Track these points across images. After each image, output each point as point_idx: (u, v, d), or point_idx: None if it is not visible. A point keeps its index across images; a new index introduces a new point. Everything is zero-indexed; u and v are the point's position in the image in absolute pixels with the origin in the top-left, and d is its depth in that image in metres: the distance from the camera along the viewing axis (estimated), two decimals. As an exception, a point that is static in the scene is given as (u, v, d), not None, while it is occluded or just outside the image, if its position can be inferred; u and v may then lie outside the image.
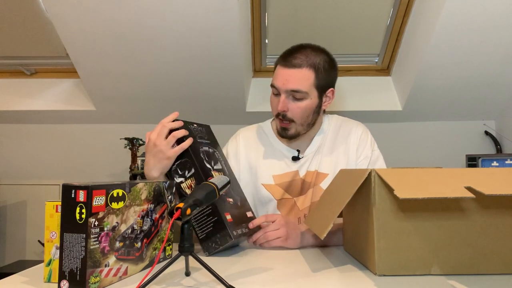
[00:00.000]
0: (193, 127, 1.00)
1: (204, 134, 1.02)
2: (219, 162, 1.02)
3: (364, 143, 1.20)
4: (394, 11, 2.22)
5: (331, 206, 0.82)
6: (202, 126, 1.05)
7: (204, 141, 1.01)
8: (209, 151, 1.00)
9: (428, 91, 2.35)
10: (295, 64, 1.08)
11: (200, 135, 1.00)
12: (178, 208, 0.67)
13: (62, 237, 0.64)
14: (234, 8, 1.89)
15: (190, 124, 1.00)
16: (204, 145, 1.00)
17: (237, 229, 0.92)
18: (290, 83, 1.08)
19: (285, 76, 1.09)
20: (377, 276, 0.72)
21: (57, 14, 1.96)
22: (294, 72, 1.08)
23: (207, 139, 1.03)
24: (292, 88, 1.08)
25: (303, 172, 1.18)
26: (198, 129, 1.01)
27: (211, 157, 0.99)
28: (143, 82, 2.37)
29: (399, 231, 0.73)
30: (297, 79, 1.08)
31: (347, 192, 0.77)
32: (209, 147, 1.01)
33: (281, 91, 1.10)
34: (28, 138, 2.73)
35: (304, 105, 1.11)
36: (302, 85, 1.08)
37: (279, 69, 1.11)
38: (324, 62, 1.12)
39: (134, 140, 2.51)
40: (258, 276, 0.74)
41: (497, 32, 1.98)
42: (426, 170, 0.75)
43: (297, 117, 1.12)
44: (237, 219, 0.94)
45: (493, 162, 2.17)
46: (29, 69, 2.57)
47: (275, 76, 1.12)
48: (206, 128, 1.06)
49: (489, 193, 0.62)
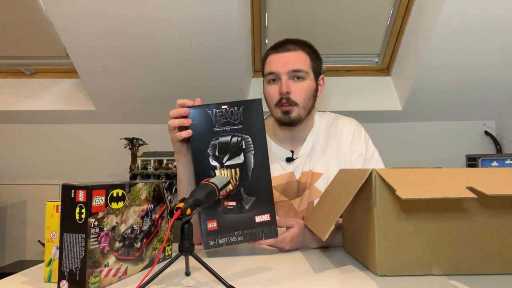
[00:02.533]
0: (219, 111, 0.89)
1: (235, 117, 0.89)
2: (243, 153, 0.90)
3: (358, 140, 1.18)
4: (394, 11, 2.22)
5: (332, 207, 0.82)
6: (241, 104, 0.89)
7: (229, 128, 0.89)
8: (229, 141, 0.89)
9: (428, 91, 2.35)
10: (290, 48, 1.11)
11: (225, 120, 0.89)
12: (178, 208, 0.67)
13: (62, 237, 0.64)
14: (234, 8, 1.89)
15: (217, 108, 0.89)
16: (225, 134, 0.89)
17: (220, 238, 0.88)
18: (290, 64, 1.09)
19: (283, 59, 1.10)
20: (378, 277, 0.72)
21: (57, 14, 1.96)
22: (291, 54, 1.10)
23: (239, 122, 0.89)
24: (293, 68, 1.09)
25: (299, 174, 1.16)
26: (226, 112, 0.89)
27: (227, 150, 0.89)
28: (143, 82, 2.37)
29: (400, 231, 0.72)
30: (296, 59, 1.10)
31: (348, 193, 0.76)
32: (234, 135, 0.89)
33: (281, 74, 1.09)
34: (28, 138, 2.73)
35: (306, 85, 1.11)
36: (301, 64, 1.10)
37: (273, 56, 1.12)
38: (312, 50, 1.16)
39: (134, 140, 2.51)
40: (258, 276, 0.74)
41: (497, 32, 1.98)
42: (427, 170, 0.75)
43: (300, 99, 1.10)
44: (229, 227, 0.88)
45: (493, 162, 2.17)
46: (29, 69, 2.57)
47: (270, 64, 1.12)
48: (247, 106, 0.90)
49: (491, 193, 0.62)
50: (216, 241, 0.88)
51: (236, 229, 0.89)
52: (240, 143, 0.90)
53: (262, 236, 0.90)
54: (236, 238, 0.89)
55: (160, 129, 2.71)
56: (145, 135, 2.61)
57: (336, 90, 2.52)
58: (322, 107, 2.50)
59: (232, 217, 0.89)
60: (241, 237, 0.89)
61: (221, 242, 0.88)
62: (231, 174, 0.89)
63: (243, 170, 0.90)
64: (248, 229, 0.89)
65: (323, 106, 2.50)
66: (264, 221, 0.91)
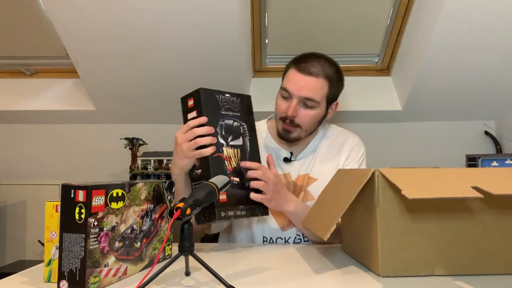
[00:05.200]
0: (223, 97, 1.00)
1: (235, 106, 1.02)
2: (242, 137, 1.01)
3: (354, 155, 1.21)
4: (394, 11, 2.22)
5: (333, 207, 0.82)
6: (238, 96, 1.03)
7: (231, 113, 1.00)
8: (232, 124, 1.00)
9: (428, 91, 2.35)
10: (312, 72, 1.08)
11: (228, 106, 1.00)
12: (178, 208, 0.67)
13: (62, 237, 0.64)
14: (234, 8, 1.89)
15: (221, 94, 1.00)
16: (228, 118, 0.99)
17: (229, 210, 0.93)
18: (305, 90, 1.08)
19: (301, 82, 1.08)
20: (381, 277, 0.72)
21: (57, 14, 1.96)
22: (311, 80, 1.08)
23: (238, 111, 1.02)
24: (307, 96, 1.08)
25: (295, 175, 1.18)
26: (228, 100, 1.01)
27: (231, 132, 0.99)
28: (143, 82, 2.37)
29: (402, 231, 0.72)
30: (312, 88, 1.08)
31: (350, 192, 0.76)
32: (235, 120, 1.01)
33: (293, 96, 1.09)
34: (28, 138, 2.73)
35: (313, 114, 1.11)
36: (316, 94, 1.09)
37: (294, 73, 1.10)
38: (336, 75, 1.13)
39: (134, 140, 2.51)
40: (258, 276, 0.74)
41: (497, 32, 1.98)
42: (430, 170, 0.75)
43: (305, 124, 1.12)
44: (236, 200, 0.95)
45: (493, 162, 2.17)
46: (29, 69, 2.57)
47: (288, 80, 1.11)
48: (243, 99, 1.04)
49: (497, 193, 0.62)
50: (226, 212, 0.93)
51: (240, 203, 0.96)
52: (239, 128, 1.02)
53: (258, 213, 1.00)
54: (241, 212, 0.96)
55: (160, 129, 2.70)
56: (145, 135, 2.60)
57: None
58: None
59: (237, 191, 0.96)
60: (244, 211, 0.97)
61: (230, 215, 0.94)
62: (234, 153, 0.98)
63: (242, 151, 1.00)
64: (248, 205, 0.97)
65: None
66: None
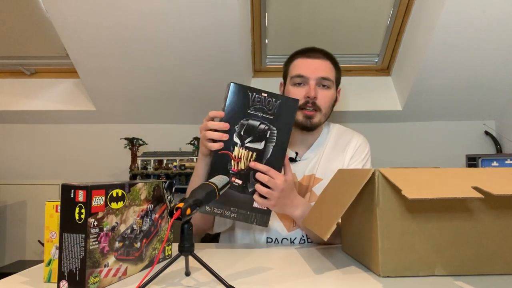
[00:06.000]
0: (258, 96, 0.92)
1: (270, 108, 0.93)
2: (265, 141, 0.93)
3: (359, 155, 1.21)
4: (394, 11, 2.22)
5: (333, 207, 0.82)
6: (280, 99, 0.93)
7: (261, 114, 0.92)
8: (257, 126, 0.92)
9: (428, 91, 2.35)
10: (319, 57, 1.15)
11: (259, 106, 0.92)
12: (178, 208, 0.67)
13: (62, 237, 0.64)
14: (234, 8, 1.89)
15: (256, 92, 0.92)
16: (255, 119, 0.92)
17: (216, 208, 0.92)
18: (320, 71, 1.13)
19: (313, 65, 1.14)
20: (381, 278, 0.72)
21: (57, 14, 1.96)
22: (321, 62, 1.15)
23: (272, 114, 0.93)
24: (323, 76, 1.13)
25: (300, 176, 1.18)
26: (263, 100, 0.92)
27: (253, 133, 0.92)
28: (143, 82, 2.37)
29: (403, 231, 0.72)
30: (325, 68, 1.15)
31: (350, 192, 0.76)
32: (262, 123, 0.93)
33: (310, 79, 1.13)
34: (28, 138, 2.73)
35: (330, 94, 1.16)
36: (330, 74, 1.15)
37: (303, 60, 1.16)
38: (336, 63, 1.21)
39: (134, 140, 2.51)
40: (258, 276, 0.74)
41: (497, 32, 1.98)
42: (430, 170, 0.75)
43: (324, 106, 1.15)
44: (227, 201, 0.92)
45: (493, 162, 2.17)
46: (29, 69, 2.57)
47: (298, 66, 1.16)
48: (285, 103, 0.94)
49: (498, 193, 0.62)
50: (212, 208, 0.92)
51: (233, 205, 0.93)
52: (266, 131, 0.93)
53: (254, 220, 0.94)
54: (230, 213, 0.93)
55: (160, 129, 2.71)
56: (145, 135, 2.61)
57: (336, 90, 2.52)
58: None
59: (234, 193, 0.93)
60: (235, 214, 0.94)
61: (216, 212, 0.93)
62: (247, 155, 0.93)
63: (259, 155, 0.93)
64: (243, 210, 0.93)
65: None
66: (260, 209, 0.95)
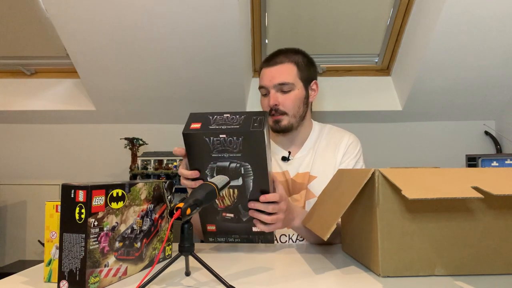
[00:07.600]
0: (216, 139, 0.84)
1: (234, 147, 0.84)
2: (242, 177, 0.87)
3: (350, 152, 1.22)
4: (394, 11, 2.22)
5: (333, 207, 0.82)
6: (242, 134, 0.82)
7: (227, 155, 0.85)
8: (227, 166, 0.86)
9: (428, 91, 2.35)
10: (277, 62, 1.17)
11: (222, 148, 0.84)
12: (178, 208, 0.67)
13: (62, 237, 0.64)
14: (234, 8, 1.89)
15: (214, 136, 0.83)
16: (223, 160, 0.85)
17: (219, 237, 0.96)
18: (276, 78, 1.16)
19: (270, 74, 1.17)
20: (381, 278, 0.72)
21: (57, 14, 1.96)
22: (278, 68, 1.17)
23: (238, 151, 0.84)
24: (279, 82, 1.15)
25: (293, 174, 1.20)
26: (223, 141, 0.84)
27: (226, 173, 0.86)
28: (143, 82, 2.37)
29: (403, 231, 0.72)
30: (281, 73, 1.16)
31: (350, 192, 0.76)
32: (232, 162, 0.86)
33: (269, 88, 1.16)
34: (28, 138, 2.73)
35: (293, 96, 1.17)
36: (287, 77, 1.16)
37: (264, 71, 1.20)
38: (302, 57, 1.21)
39: (134, 140, 2.51)
40: (258, 276, 0.74)
41: (497, 32, 1.98)
42: (430, 170, 0.75)
43: (289, 108, 1.17)
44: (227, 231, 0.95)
45: (493, 162, 2.17)
46: (29, 69, 2.57)
47: (261, 78, 1.20)
48: (248, 137, 0.82)
49: (497, 193, 0.62)
50: (215, 238, 0.97)
51: (234, 234, 0.96)
52: (238, 169, 0.86)
53: (258, 241, 0.97)
54: (234, 239, 0.97)
55: (160, 129, 2.71)
56: (145, 135, 2.61)
57: (336, 90, 2.52)
58: (322, 107, 2.50)
59: (230, 225, 0.94)
60: (238, 239, 0.97)
61: (220, 240, 0.97)
62: (228, 193, 0.89)
63: (240, 191, 0.88)
64: (245, 235, 0.96)
65: (324, 106, 2.50)
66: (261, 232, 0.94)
